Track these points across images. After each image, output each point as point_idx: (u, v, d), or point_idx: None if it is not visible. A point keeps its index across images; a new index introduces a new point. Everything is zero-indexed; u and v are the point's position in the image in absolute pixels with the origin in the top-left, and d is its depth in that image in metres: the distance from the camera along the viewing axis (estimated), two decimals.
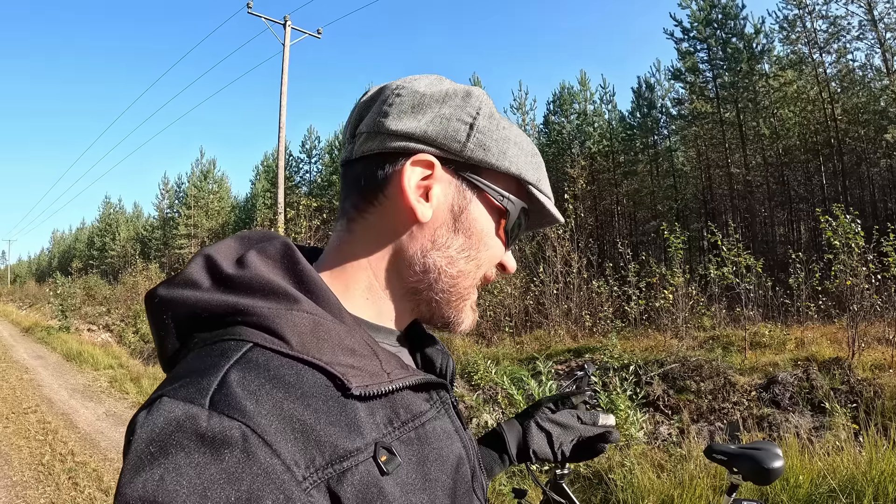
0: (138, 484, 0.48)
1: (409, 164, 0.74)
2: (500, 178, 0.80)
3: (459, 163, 0.77)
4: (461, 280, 0.80)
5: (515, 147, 0.80)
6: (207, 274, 0.70)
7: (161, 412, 0.53)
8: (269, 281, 0.68)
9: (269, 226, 17.21)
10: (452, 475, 0.71)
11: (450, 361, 0.94)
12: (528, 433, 1.29)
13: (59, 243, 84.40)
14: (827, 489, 4.07)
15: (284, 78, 18.62)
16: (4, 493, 5.54)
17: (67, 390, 10.59)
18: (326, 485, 0.55)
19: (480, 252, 0.80)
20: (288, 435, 0.55)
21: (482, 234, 0.80)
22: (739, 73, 22.16)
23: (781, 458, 2.08)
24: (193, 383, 0.56)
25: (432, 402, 0.76)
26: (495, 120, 0.79)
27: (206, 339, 0.64)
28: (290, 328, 0.63)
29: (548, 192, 0.85)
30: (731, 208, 23.53)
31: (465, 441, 0.79)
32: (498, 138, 0.78)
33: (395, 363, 0.71)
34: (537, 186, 0.82)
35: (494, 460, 1.26)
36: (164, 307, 0.68)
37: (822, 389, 6.63)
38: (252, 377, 0.57)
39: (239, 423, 0.52)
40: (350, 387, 0.62)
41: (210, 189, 45.44)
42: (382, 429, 0.64)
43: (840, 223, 8.53)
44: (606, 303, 12.04)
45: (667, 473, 4.70)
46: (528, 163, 0.81)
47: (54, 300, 24.66)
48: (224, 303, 0.65)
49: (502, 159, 0.78)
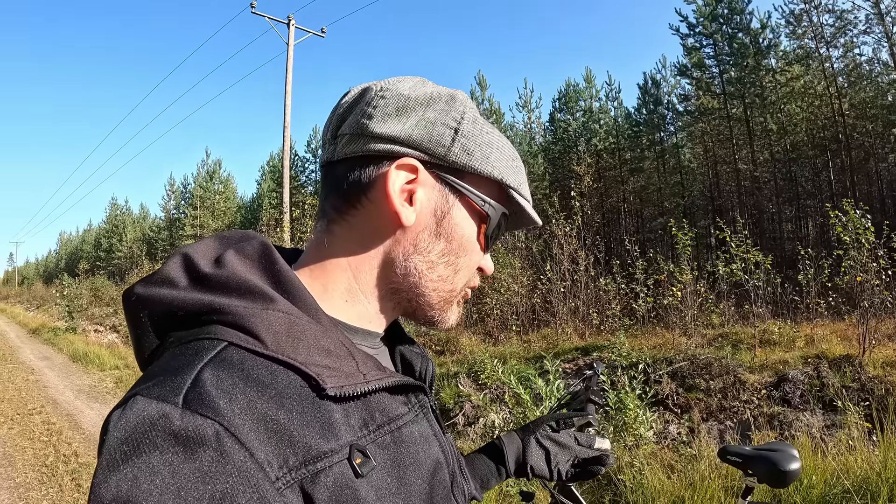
0: (112, 483, 0.48)
1: (394, 168, 0.74)
2: (483, 182, 0.81)
3: (443, 167, 0.77)
4: (441, 284, 0.80)
5: (498, 151, 0.80)
6: (185, 272, 0.70)
7: (134, 411, 0.53)
8: (245, 280, 0.68)
9: (275, 225, 17.22)
10: (429, 479, 0.71)
11: (430, 365, 0.95)
12: (527, 449, 1.31)
13: (67, 245, 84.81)
14: (841, 490, 4.02)
15: (289, 77, 18.61)
16: (7, 495, 5.55)
17: (73, 391, 10.64)
18: (300, 485, 0.55)
19: (460, 257, 0.81)
20: (261, 434, 0.55)
21: (462, 239, 0.81)
22: (746, 69, 22.07)
23: (798, 460, 2.04)
24: (167, 382, 0.56)
25: (410, 405, 0.76)
26: (479, 124, 0.79)
27: (182, 338, 0.64)
28: (266, 328, 0.63)
29: (527, 196, 0.86)
30: (738, 205, 23.41)
31: (443, 445, 0.80)
32: (481, 143, 0.79)
33: (371, 364, 0.71)
34: (518, 190, 0.83)
35: (491, 472, 1.28)
36: (141, 305, 0.68)
37: (832, 387, 6.56)
38: (226, 376, 0.57)
39: (212, 422, 0.52)
40: (325, 387, 0.61)
41: (216, 189, 45.52)
42: (357, 431, 0.64)
43: (850, 218, 8.46)
44: (614, 300, 11.99)
45: (677, 474, 4.65)
46: (510, 167, 0.82)
47: (61, 301, 24.75)
48: (200, 302, 0.65)
49: (485, 164, 0.78)
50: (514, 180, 0.82)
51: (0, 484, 5.82)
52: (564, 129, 29.41)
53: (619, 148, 28.37)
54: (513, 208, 0.85)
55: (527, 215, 0.85)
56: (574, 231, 13.31)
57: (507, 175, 0.81)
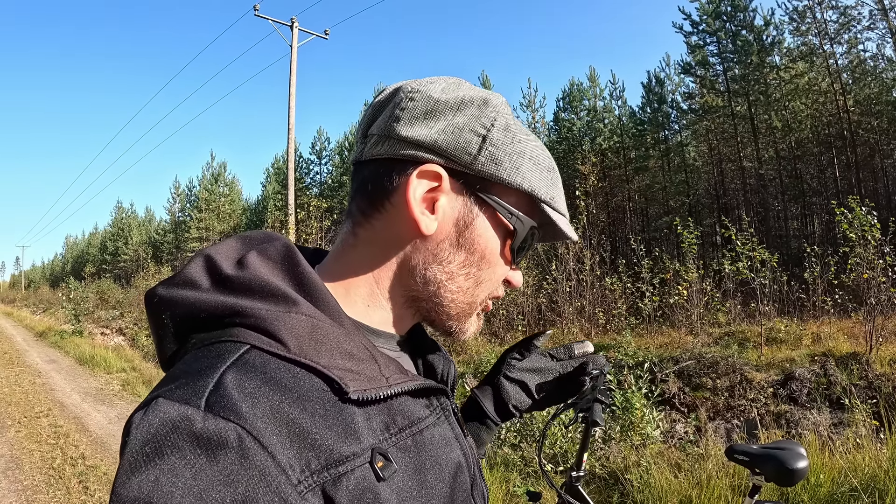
0: (133, 485, 0.48)
1: (416, 175, 0.72)
2: (512, 193, 0.78)
3: (469, 176, 0.75)
4: (459, 296, 0.78)
5: (530, 162, 0.77)
6: (207, 274, 0.70)
7: (157, 413, 0.53)
8: (267, 282, 0.67)
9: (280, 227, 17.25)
10: (450, 483, 0.71)
11: (451, 367, 0.93)
12: (500, 389, 1.22)
13: (73, 248, 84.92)
14: (848, 488, 4.01)
15: (292, 79, 18.63)
16: (15, 498, 5.57)
17: (80, 394, 10.65)
18: (322, 488, 0.55)
19: (482, 270, 0.78)
20: (283, 438, 0.54)
21: (485, 252, 0.78)
22: (750, 66, 22.00)
23: (806, 458, 2.04)
24: (189, 384, 0.56)
25: (432, 408, 0.76)
26: (511, 132, 0.76)
27: (204, 340, 0.64)
28: (288, 331, 0.63)
29: (562, 209, 0.82)
30: (743, 203, 23.37)
31: (464, 448, 0.79)
32: (511, 152, 0.75)
33: (393, 368, 0.70)
34: (551, 204, 0.79)
35: (479, 428, 1.20)
36: (163, 307, 0.67)
37: (839, 385, 6.55)
38: (248, 379, 0.57)
39: (234, 425, 0.52)
40: (347, 391, 0.61)
41: (221, 192, 45.57)
42: (379, 435, 0.64)
43: (856, 215, 8.43)
44: (620, 300, 11.98)
45: (684, 473, 4.65)
46: (543, 178, 0.79)
47: (67, 304, 24.84)
48: (222, 304, 0.65)
49: (514, 175, 0.75)
50: (545, 193, 0.79)
51: (8, 487, 5.83)
52: (569, 128, 29.35)
53: (624, 147, 28.30)
54: (544, 221, 0.81)
55: (560, 231, 0.81)
56: (579, 230, 13.29)
57: (538, 187, 0.78)
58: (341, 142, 38.88)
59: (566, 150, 28.54)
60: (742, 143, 23.39)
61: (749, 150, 23.46)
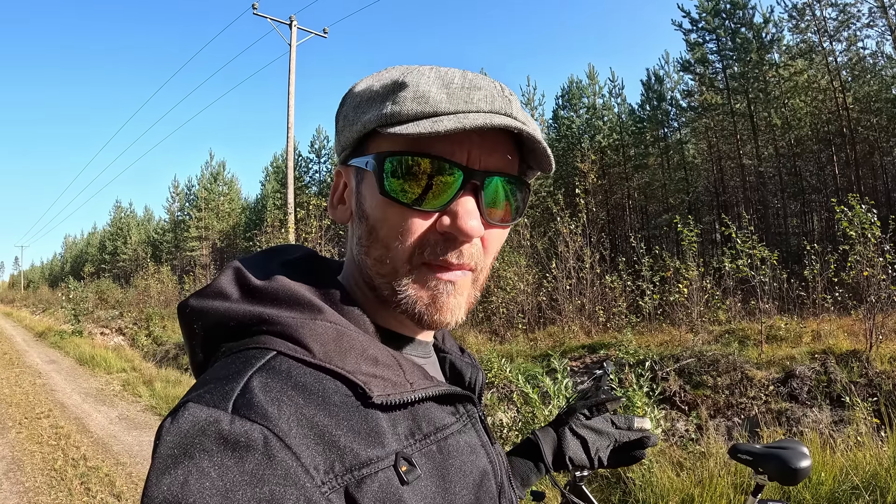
0: (163, 485, 0.50)
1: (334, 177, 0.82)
2: (365, 149, 0.74)
3: (348, 157, 0.77)
4: (379, 267, 0.73)
5: (358, 101, 0.74)
6: (236, 285, 0.72)
7: (186, 416, 0.55)
8: (293, 292, 0.70)
9: (280, 226, 17.22)
10: (475, 491, 0.71)
11: (479, 375, 0.94)
12: (563, 440, 1.26)
13: (72, 248, 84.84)
14: (850, 486, 4.02)
15: (291, 78, 18.61)
16: (17, 500, 5.57)
17: (80, 394, 10.67)
18: (345, 490, 0.56)
19: (379, 230, 0.72)
20: (308, 440, 0.56)
21: (371, 211, 0.73)
22: (749, 64, 21.97)
23: (808, 458, 2.05)
24: (218, 389, 0.58)
25: (458, 415, 0.76)
26: (360, 95, 0.74)
27: (233, 348, 0.66)
28: (314, 337, 0.65)
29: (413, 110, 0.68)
30: (743, 200, 23.34)
31: (491, 456, 0.79)
32: (353, 106, 0.75)
33: (418, 374, 0.71)
34: (388, 119, 0.69)
35: (530, 469, 1.24)
36: (195, 317, 0.71)
37: (840, 383, 6.55)
38: (274, 383, 0.58)
39: (261, 427, 0.54)
40: (371, 395, 0.62)
41: (220, 191, 45.56)
42: (403, 440, 0.64)
43: (856, 213, 8.43)
44: (620, 298, 11.98)
45: (686, 472, 4.65)
46: (372, 103, 0.72)
47: (67, 304, 24.87)
48: (250, 313, 0.67)
49: (351, 128, 0.75)
50: (375, 114, 0.70)
51: (10, 489, 5.83)
52: (568, 126, 29.31)
53: (623, 144, 28.25)
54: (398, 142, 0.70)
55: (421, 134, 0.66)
56: (579, 228, 13.30)
57: (368, 117, 0.71)
58: None
59: (565, 148, 28.50)
60: (741, 141, 23.37)
61: (748, 147, 23.44)
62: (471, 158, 0.70)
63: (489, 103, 0.68)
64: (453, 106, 0.67)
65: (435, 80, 0.70)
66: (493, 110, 0.68)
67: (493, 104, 0.69)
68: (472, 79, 0.71)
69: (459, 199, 0.69)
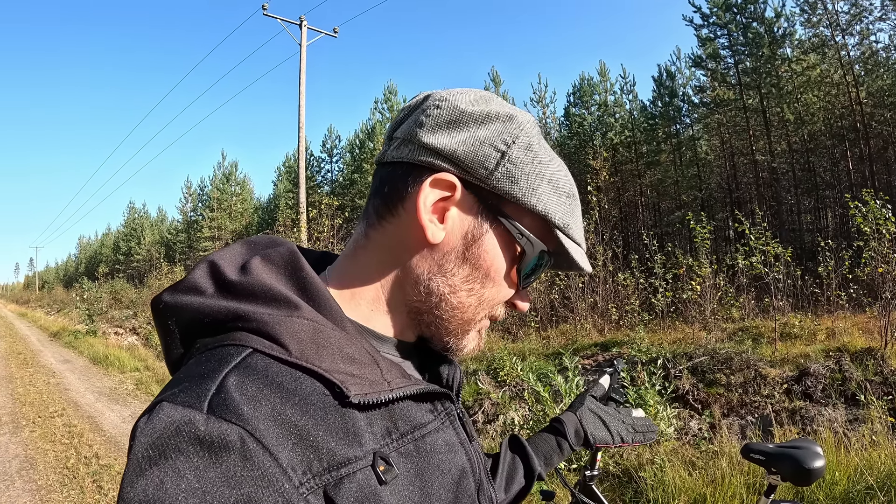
0: (139, 488, 0.49)
1: (430, 182, 0.72)
2: (526, 215, 0.76)
3: (484, 191, 0.74)
4: (460, 312, 0.77)
5: (548, 185, 0.76)
6: (211, 280, 0.71)
7: (160, 417, 0.54)
8: (270, 287, 0.68)
9: (292, 226, 17.29)
10: (453, 489, 0.71)
11: (457, 372, 0.92)
12: (583, 419, 1.37)
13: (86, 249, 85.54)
14: (864, 486, 3.98)
15: (302, 78, 18.66)
16: (29, 497, 5.61)
17: (94, 393, 10.73)
18: (323, 491, 0.56)
19: (485, 287, 0.77)
20: (285, 440, 0.55)
21: (490, 270, 0.76)
22: (761, 59, 21.83)
23: (822, 457, 2.03)
24: (192, 388, 0.57)
25: (436, 412, 0.76)
26: (532, 152, 0.75)
27: (208, 345, 0.65)
28: (290, 335, 0.64)
29: (577, 238, 0.80)
30: (756, 196, 23.23)
31: (469, 453, 0.79)
32: (530, 172, 0.74)
33: (396, 372, 0.71)
34: (565, 231, 0.78)
35: (553, 448, 1.31)
36: (169, 312, 0.69)
37: (855, 381, 6.50)
38: (250, 382, 0.58)
39: (237, 427, 0.53)
40: (349, 394, 0.62)
41: (233, 191, 45.77)
42: (381, 440, 0.64)
43: (870, 209, 8.37)
44: (633, 295, 11.95)
45: (698, 471, 4.63)
46: (560, 203, 0.77)
47: (81, 305, 25.05)
48: (225, 308, 0.66)
49: (530, 195, 0.74)
50: (561, 219, 0.77)
51: (22, 486, 5.87)
52: (580, 123, 29.23)
53: (635, 141, 28.14)
54: (557, 248, 0.79)
55: (573, 260, 0.79)
56: (591, 226, 13.28)
57: (554, 211, 0.76)
58: (352, 139, 38.78)
59: (577, 146, 28.45)
60: (754, 137, 23.23)
61: (761, 143, 23.29)
62: None
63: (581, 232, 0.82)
64: (580, 235, 0.81)
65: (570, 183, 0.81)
66: None
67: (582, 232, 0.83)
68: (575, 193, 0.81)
69: None
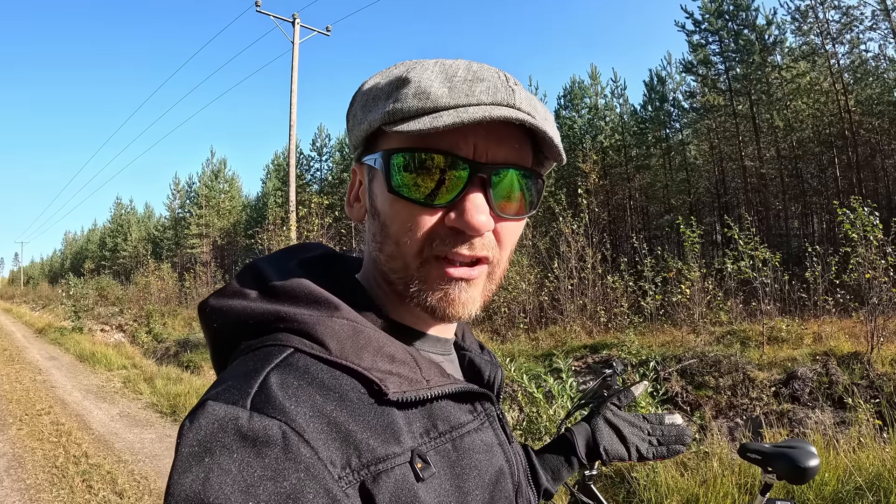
0: (185, 483, 0.51)
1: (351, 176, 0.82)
2: (381, 143, 0.73)
3: (359, 154, 0.78)
4: (392, 263, 0.73)
5: (365, 99, 0.74)
6: (255, 284, 0.73)
7: (205, 415, 0.55)
8: (310, 290, 0.71)
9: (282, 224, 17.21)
10: (490, 489, 0.72)
11: (499, 372, 0.93)
12: (596, 431, 1.27)
13: (72, 244, 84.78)
14: (853, 487, 4.03)
15: (294, 76, 18.60)
16: (18, 497, 5.52)
17: (81, 391, 10.65)
18: (362, 485, 0.57)
19: (389, 226, 0.72)
20: (326, 435, 0.57)
21: (382, 208, 0.73)
22: (752, 66, 21.99)
23: (817, 457, 2.05)
24: (236, 386, 0.59)
25: (476, 413, 0.77)
26: (370, 93, 0.74)
27: (251, 346, 0.67)
28: (330, 334, 0.66)
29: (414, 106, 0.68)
30: (744, 202, 23.35)
31: (508, 455, 0.79)
32: (361, 105, 0.75)
33: (435, 371, 0.72)
34: (391, 117, 0.69)
35: (561, 464, 1.23)
36: (214, 316, 0.72)
37: (841, 384, 6.57)
38: (291, 380, 0.59)
39: (279, 423, 0.55)
40: (387, 392, 0.63)
41: (221, 188, 45.57)
42: (419, 438, 0.65)
43: (858, 215, 8.46)
44: (622, 298, 12.00)
45: (690, 472, 4.67)
46: (378, 101, 0.72)
47: (67, 301, 24.93)
48: (268, 311, 0.68)
49: (363, 122, 0.73)
50: (379, 112, 0.70)
51: (11, 486, 5.79)
52: (570, 126, 29.33)
53: (625, 145, 28.27)
54: (402, 139, 0.70)
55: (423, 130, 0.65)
56: (581, 228, 13.32)
57: (373, 115, 0.71)
58: (341, 139, 38.84)
59: (567, 148, 28.37)
60: (743, 142, 23.38)
61: (750, 149, 23.44)
62: (477, 152, 0.69)
63: (491, 95, 0.67)
64: (454, 100, 0.66)
65: (438, 74, 0.69)
66: (496, 102, 0.67)
67: (496, 96, 0.68)
68: (476, 70, 0.70)
69: (467, 194, 0.68)
